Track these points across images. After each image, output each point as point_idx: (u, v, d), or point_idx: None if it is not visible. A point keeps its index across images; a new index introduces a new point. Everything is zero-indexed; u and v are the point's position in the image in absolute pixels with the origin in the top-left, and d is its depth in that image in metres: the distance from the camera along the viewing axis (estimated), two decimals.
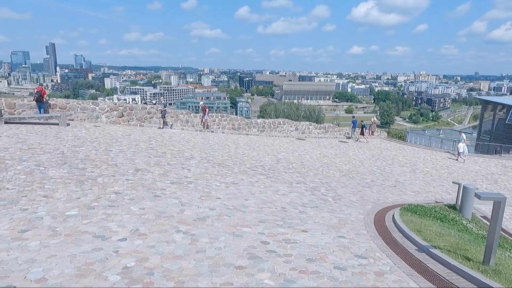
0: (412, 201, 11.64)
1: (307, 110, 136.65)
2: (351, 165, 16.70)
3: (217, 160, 12.41)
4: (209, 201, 7.08)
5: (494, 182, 17.44)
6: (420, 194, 13.20)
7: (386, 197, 11.27)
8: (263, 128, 22.71)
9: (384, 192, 12.26)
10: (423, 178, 16.37)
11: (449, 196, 13.63)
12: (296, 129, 24.21)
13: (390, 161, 19.27)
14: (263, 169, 12.32)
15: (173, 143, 14.83)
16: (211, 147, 15.37)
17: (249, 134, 21.85)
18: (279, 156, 15.98)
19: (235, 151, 15.33)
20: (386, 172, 16.26)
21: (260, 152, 16.19)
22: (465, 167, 20.35)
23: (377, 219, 7.36)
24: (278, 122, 23.48)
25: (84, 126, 16.01)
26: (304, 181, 11.36)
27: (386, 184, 13.87)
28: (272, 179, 10.76)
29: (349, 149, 21.45)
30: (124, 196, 6.78)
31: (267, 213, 6.69)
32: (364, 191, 11.69)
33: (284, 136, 23.00)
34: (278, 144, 19.67)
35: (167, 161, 10.91)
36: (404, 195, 12.48)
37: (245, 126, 22.08)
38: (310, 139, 23.43)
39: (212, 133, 20.28)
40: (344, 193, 10.57)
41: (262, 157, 14.99)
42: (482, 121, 36.68)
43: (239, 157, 14.06)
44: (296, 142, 21.60)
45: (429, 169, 18.61)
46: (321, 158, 17.34)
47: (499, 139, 32.68)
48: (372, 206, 9.09)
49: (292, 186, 10.14)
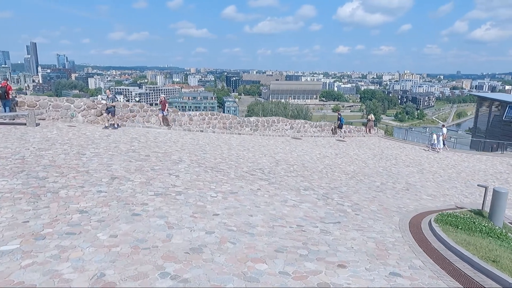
0: (432, 207, 10.28)
1: (294, 109, 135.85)
2: (355, 166, 15.29)
3: (210, 164, 10.77)
4: (204, 220, 5.48)
5: (506, 182, 16.31)
6: (436, 198, 11.86)
7: (405, 204, 9.84)
8: (256, 127, 21.15)
9: (400, 197, 10.85)
10: (433, 179, 15.09)
11: (467, 200, 12.35)
12: (291, 128, 22.73)
13: (393, 161, 17.97)
14: (263, 173, 10.74)
15: (159, 144, 13.11)
16: (202, 149, 13.71)
17: (242, 133, 20.25)
18: (277, 157, 14.43)
19: (228, 153, 13.71)
20: (393, 173, 14.91)
21: (256, 153, 14.61)
22: (471, 166, 19.24)
23: (418, 237, 5.89)
24: (272, 121, 21.95)
25: (56, 126, 14.10)
26: (312, 187, 9.83)
27: (398, 187, 12.49)
28: (276, 185, 9.19)
29: (349, 148, 20.08)
30: (91, 216, 5.10)
31: (283, 236, 5.13)
32: (379, 196, 10.24)
33: (279, 135, 21.47)
34: (273, 144, 18.13)
35: (151, 165, 9.21)
36: (421, 199, 11.11)
37: (237, 125, 20.47)
38: (306, 138, 21.97)
39: (201, 132, 18.59)
40: (359, 200, 9.08)
41: (259, 159, 13.42)
42: (477, 118, 36.02)
43: (233, 159, 12.45)
44: (292, 141, 20.11)
45: (435, 169, 17.39)
46: (322, 159, 15.88)
47: (495, 136, 31.93)
48: (400, 218, 7.63)
49: (301, 193, 8.59)
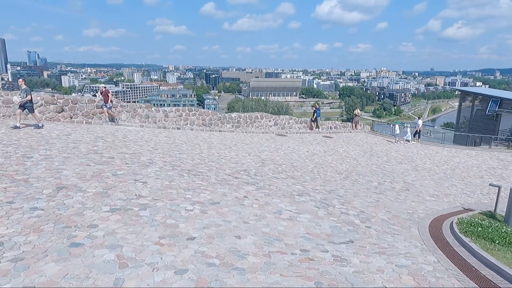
0: (440, 210, 9.15)
1: (275, 106, 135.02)
2: (347, 165, 14.06)
3: (186, 166, 9.20)
4: (174, 249, 3.97)
5: (501, 178, 15.54)
6: (439, 198, 10.76)
7: (413, 208, 8.64)
8: (238, 123, 19.65)
9: (403, 199, 9.66)
10: (430, 177, 14.07)
11: (471, 200, 11.33)
12: (275, 124, 21.36)
13: (385, 158, 16.91)
14: (249, 175, 9.28)
15: (128, 144, 11.40)
16: (178, 148, 12.10)
17: (223, 130, 18.70)
18: (262, 156, 13.00)
19: (208, 152, 12.16)
20: (388, 171, 13.78)
21: (239, 152, 13.12)
22: (464, 162, 18.46)
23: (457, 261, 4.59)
24: (255, 116, 20.51)
25: (5, 125, 12.13)
26: (306, 191, 8.44)
27: (397, 187, 11.32)
28: (265, 190, 7.74)
29: (337, 145, 18.91)
30: (5, 251, 3.48)
31: (285, 271, 3.69)
32: (381, 200, 8.99)
33: (262, 132, 20.05)
34: (257, 142, 16.69)
35: (113, 170, 7.56)
36: (425, 201, 9.96)
37: (218, 122, 18.91)
38: (292, 135, 20.66)
39: (178, 130, 16.90)
40: (363, 206, 7.77)
41: (242, 159, 11.94)
42: (460, 112, 35.88)
43: (214, 159, 10.91)
44: (277, 138, 18.73)
45: (429, 166, 16.44)
46: (311, 157, 14.57)
47: (478, 130, 31.72)
48: (419, 229, 6.34)
49: (295, 201, 7.18)
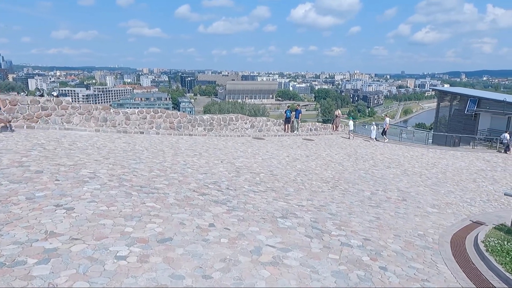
0: (448, 225, 7.69)
1: (251, 108, 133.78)
2: (333, 171, 12.52)
3: (140, 180, 7.27)
4: None
5: (494, 181, 14.49)
6: (442, 209, 9.36)
7: (420, 226, 7.13)
8: (211, 126, 17.77)
9: (404, 213, 8.15)
10: (423, 182, 12.76)
11: (476, 209, 10.01)
12: (251, 126, 19.63)
13: (371, 161, 15.53)
14: (219, 190, 7.47)
15: (72, 153, 9.31)
16: (136, 156, 10.11)
17: (193, 134, 16.76)
18: (237, 164, 11.22)
19: (172, 160, 10.24)
20: (378, 178, 12.35)
21: (210, 160, 11.27)
22: (451, 164, 17.41)
23: None
24: (229, 118, 18.70)
25: None
26: (291, 209, 6.73)
27: (392, 197, 9.84)
28: (239, 212, 5.96)
29: (319, 148, 17.40)
30: None
31: None
32: (381, 216, 7.42)
33: (238, 135, 18.26)
34: (232, 146, 14.89)
35: (31, 191, 5.55)
36: (428, 215, 8.50)
37: (188, 125, 16.96)
38: (270, 138, 18.99)
39: (141, 134, 14.83)
40: (364, 228, 6.15)
41: (213, 167, 10.11)
42: (438, 112, 35.52)
43: (178, 169, 9.02)
44: (254, 142, 16.99)
45: (418, 169, 15.21)
46: (292, 163, 12.94)
47: (456, 130, 31.28)
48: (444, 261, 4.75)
49: (279, 227, 5.43)
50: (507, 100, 27.51)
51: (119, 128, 14.82)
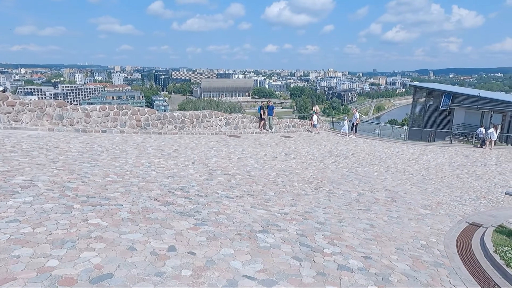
0: (445, 229, 6.90)
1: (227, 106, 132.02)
2: (315, 170, 11.61)
3: (89, 187, 5.99)
4: None
5: (478, 177, 14.09)
6: (434, 210, 8.62)
7: (418, 233, 6.28)
8: (182, 123, 16.45)
9: (397, 217, 7.30)
10: (408, 180, 12.09)
11: (468, 209, 9.37)
12: (227, 124, 18.45)
13: (353, 159, 14.78)
14: (187, 197, 6.31)
15: (12, 156, 7.84)
16: (92, 158, 8.74)
17: (163, 132, 15.40)
18: (210, 164, 10.06)
19: (136, 162, 8.94)
20: (362, 176, 11.55)
21: (179, 160, 10.05)
22: (432, 160, 16.98)
23: None
24: (202, 115, 17.44)
25: None
26: (273, 219, 5.68)
27: (381, 198, 9.01)
28: (209, 227, 4.83)
29: (298, 146, 16.49)
30: None
31: None
32: (374, 222, 6.51)
33: (212, 133, 17.03)
34: (205, 145, 13.69)
35: None
36: (423, 218, 7.71)
37: (157, 122, 15.57)
38: (246, 135, 17.89)
39: (104, 133, 13.34)
40: (358, 240, 5.19)
41: (183, 169, 8.91)
42: (414, 107, 35.67)
43: (140, 173, 7.76)
44: (229, 140, 15.84)
45: (400, 166, 14.61)
46: (270, 162, 11.92)
47: (431, 125, 31.41)
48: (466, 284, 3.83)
49: (260, 246, 4.36)
50: (480, 95, 27.76)
51: (78, 126, 13.26)
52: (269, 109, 20.17)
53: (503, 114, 26.71)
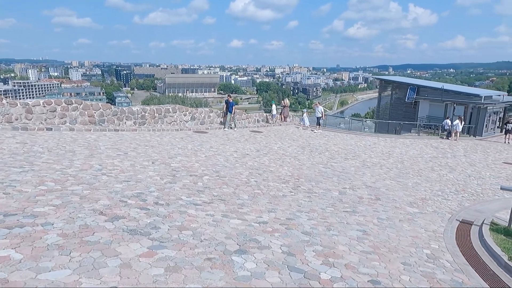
0: (439, 230, 6.21)
1: (193, 102, 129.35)
2: (290, 166, 10.71)
3: (11, 200, 4.63)
4: None
5: (452, 169, 13.89)
6: (422, 208, 7.99)
7: (416, 237, 5.52)
8: (142, 119, 14.95)
9: (387, 219, 6.53)
10: (386, 174, 11.54)
11: (453, 204, 8.86)
12: (192, 119, 17.12)
13: (327, 153, 14.08)
14: (143, 207, 5.11)
15: None
16: (28, 161, 7.23)
17: (121, 129, 13.83)
18: (174, 164, 8.83)
19: (82, 165, 7.53)
20: (339, 172, 10.81)
21: (138, 160, 8.72)
22: (405, 152, 16.71)
23: None
24: (165, 110, 15.99)
25: None
26: (250, 232, 4.64)
27: (364, 196, 8.26)
28: (168, 249, 3.70)
29: (270, 141, 15.56)
30: None
31: None
32: (365, 227, 5.67)
33: (176, 129, 15.65)
34: (168, 142, 12.36)
35: None
36: (413, 217, 7.02)
37: (113, 118, 13.97)
38: (213, 131, 16.67)
39: (50, 131, 11.63)
40: (358, 255, 4.29)
41: (141, 171, 7.63)
42: (380, 100, 36.00)
43: (86, 178, 6.42)
44: (195, 136, 14.58)
45: (375, 159, 14.11)
46: (241, 159, 10.86)
47: (397, 118, 31.76)
48: None
49: (237, 276, 3.29)
50: (444, 88, 28.30)
51: (17, 124, 11.45)
52: (230, 106, 18.19)
53: (465, 106, 27.39)
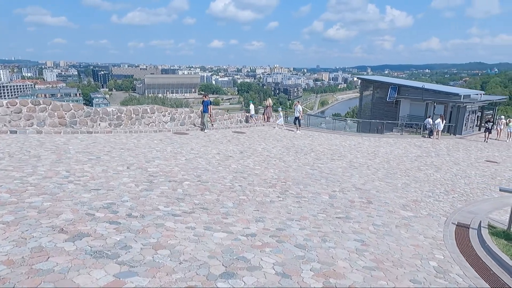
0: (439, 236, 5.83)
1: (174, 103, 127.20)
2: (276, 169, 10.18)
3: None
4: None
5: (438, 169, 13.74)
6: (416, 211, 7.62)
7: (416, 245, 5.05)
8: (118, 120, 14.08)
9: (383, 225, 6.09)
10: (374, 175, 11.19)
11: (445, 206, 8.57)
12: (172, 119, 16.34)
13: (313, 154, 13.66)
14: (113, 222, 4.44)
15: None
16: None
17: (95, 131, 12.93)
18: (151, 169, 8.13)
19: (47, 171, 6.75)
20: (327, 174, 10.38)
21: (111, 165, 7.97)
22: (390, 152, 16.52)
23: None
24: (143, 110, 15.16)
25: None
26: (238, 249, 4.07)
27: (355, 200, 7.82)
28: (140, 276, 3.07)
29: (253, 142, 15.01)
30: None
31: None
32: (362, 236, 5.20)
33: (155, 131, 14.85)
34: (146, 145, 11.60)
35: None
36: (411, 223, 6.63)
37: (86, 119, 13.06)
38: (194, 132, 15.96)
39: (14, 134, 10.66)
40: (364, 274, 3.81)
41: (113, 178, 6.91)
42: (361, 100, 36.08)
43: (49, 188, 5.67)
44: (175, 138, 13.84)
45: (362, 160, 13.80)
46: (224, 162, 10.26)
47: (378, 117, 31.87)
48: None
49: None
50: (425, 87, 28.55)
51: None
52: (204, 105, 16.53)
53: (445, 105, 27.70)
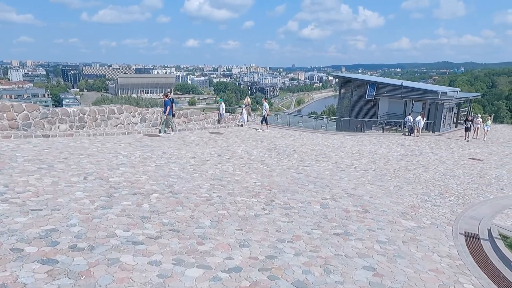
0: (453, 253, 5.00)
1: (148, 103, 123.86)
2: (258, 174, 9.17)
3: None
4: None
5: (425, 169, 13.16)
6: (417, 220, 6.81)
7: (430, 266, 4.16)
8: (81, 121, 12.63)
9: (389, 240, 5.19)
10: (364, 178, 10.39)
11: (445, 211, 7.83)
12: (142, 120, 14.99)
13: (296, 156, 12.76)
14: (48, 259, 3.27)
15: None
16: None
17: (52, 135, 11.45)
18: (113, 179, 6.91)
19: None
20: (314, 178, 9.47)
21: (64, 176, 6.68)
22: (374, 151, 15.89)
23: None
24: (109, 110, 13.73)
25: None
26: None
27: (350, 209, 6.93)
28: None
29: (232, 144, 13.93)
30: None
31: None
32: (369, 259, 4.28)
33: (123, 133, 13.48)
34: (111, 149, 10.28)
35: None
36: (417, 236, 5.79)
37: (42, 121, 11.56)
38: (167, 134, 14.67)
39: None
40: None
41: (63, 193, 5.66)
42: (340, 98, 35.69)
43: None
44: (146, 141, 12.54)
45: (347, 160, 13.02)
46: (200, 167, 9.14)
47: (357, 115, 31.55)
48: None
49: None
50: (404, 85, 28.40)
51: None
52: (165, 105, 14.16)
53: (423, 102, 27.64)
